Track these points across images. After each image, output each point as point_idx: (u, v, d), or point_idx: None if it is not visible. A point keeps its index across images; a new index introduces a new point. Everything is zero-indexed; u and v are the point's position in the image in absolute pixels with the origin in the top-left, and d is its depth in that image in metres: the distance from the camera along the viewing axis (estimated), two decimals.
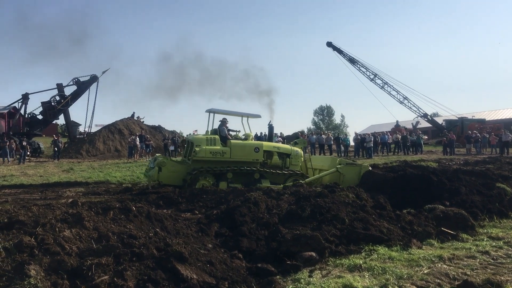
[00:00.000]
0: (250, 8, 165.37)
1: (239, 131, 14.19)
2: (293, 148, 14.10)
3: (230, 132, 13.91)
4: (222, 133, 13.10)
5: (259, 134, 28.38)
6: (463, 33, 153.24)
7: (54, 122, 41.11)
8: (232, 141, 12.95)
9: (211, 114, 13.58)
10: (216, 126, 13.57)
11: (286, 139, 31.96)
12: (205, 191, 10.70)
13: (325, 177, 12.26)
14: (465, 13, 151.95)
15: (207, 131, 13.56)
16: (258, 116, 14.45)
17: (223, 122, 13.57)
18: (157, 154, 15.16)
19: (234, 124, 27.03)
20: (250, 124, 14.14)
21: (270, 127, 15.97)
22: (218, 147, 12.59)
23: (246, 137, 13.79)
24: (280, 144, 14.69)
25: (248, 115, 14.08)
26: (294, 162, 13.69)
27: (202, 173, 12.17)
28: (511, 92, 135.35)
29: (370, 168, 12.11)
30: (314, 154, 27.07)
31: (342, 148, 30.30)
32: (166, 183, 12.06)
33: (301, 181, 11.59)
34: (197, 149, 12.26)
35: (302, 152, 14.42)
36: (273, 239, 5.80)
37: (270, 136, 16.04)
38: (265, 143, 13.99)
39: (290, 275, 4.85)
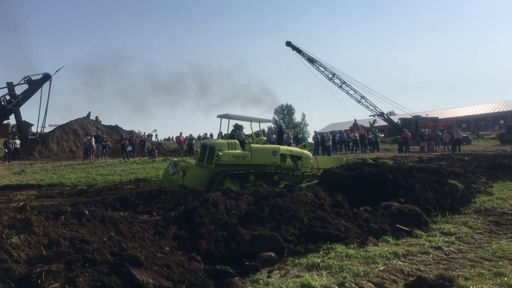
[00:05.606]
0: (209, 8, 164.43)
1: (250, 135, 14.93)
2: (303, 151, 14.82)
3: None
4: (240, 138, 13.64)
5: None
6: (418, 35, 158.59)
7: (5, 122, 39.40)
8: (252, 145, 13.39)
9: (223, 119, 14.02)
10: (228, 131, 14.14)
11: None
12: (164, 192, 10.54)
13: None
14: (418, 17, 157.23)
15: (219, 135, 14.28)
16: (270, 121, 15.00)
17: (240, 127, 14.27)
18: (174, 159, 15.47)
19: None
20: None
21: (280, 131, 16.66)
22: (240, 151, 13.05)
23: (260, 141, 14.35)
24: (292, 148, 15.48)
25: (260, 120, 14.73)
26: (305, 164, 14.37)
27: (227, 176, 12.43)
28: (462, 92, 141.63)
29: (372, 161, 12.98)
30: None
31: None
32: (190, 186, 12.04)
33: (315, 181, 12.06)
34: (220, 153, 12.60)
35: (311, 155, 15.18)
36: (232, 240, 5.74)
37: (280, 139, 16.97)
38: (281, 146, 14.49)
39: (248, 276, 4.81)
